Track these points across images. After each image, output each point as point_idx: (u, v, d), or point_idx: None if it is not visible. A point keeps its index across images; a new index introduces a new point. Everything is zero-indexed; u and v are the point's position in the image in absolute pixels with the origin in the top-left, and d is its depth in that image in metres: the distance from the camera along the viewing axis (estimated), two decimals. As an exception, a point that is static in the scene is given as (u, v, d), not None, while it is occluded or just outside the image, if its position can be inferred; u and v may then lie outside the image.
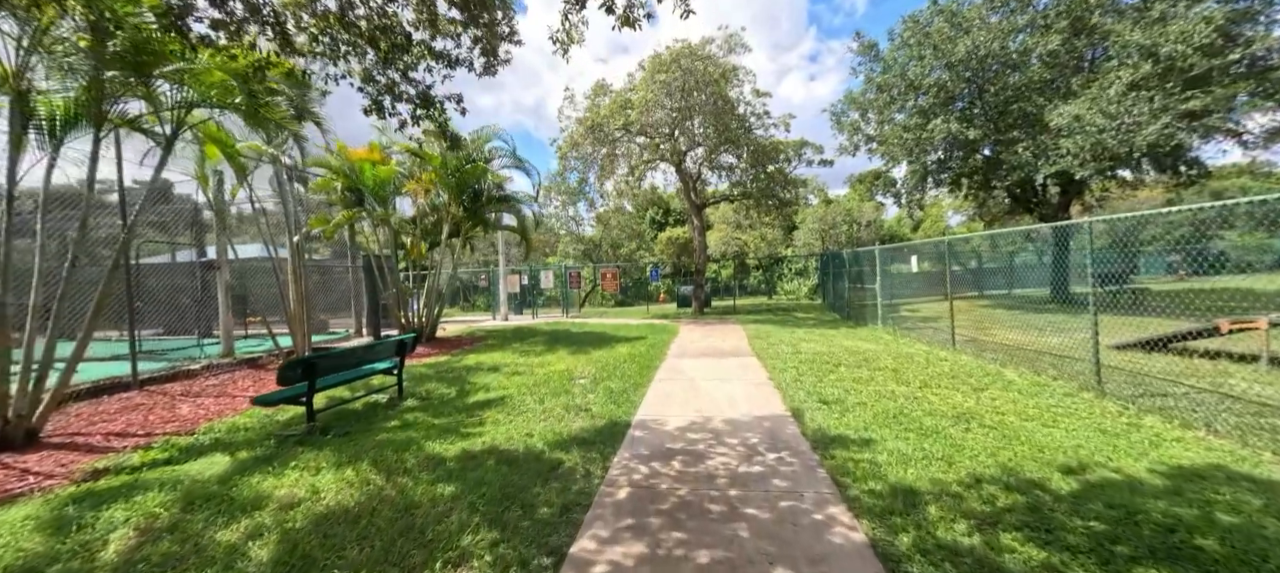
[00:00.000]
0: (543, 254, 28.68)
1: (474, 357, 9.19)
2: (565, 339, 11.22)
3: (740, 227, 26.40)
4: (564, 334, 12.25)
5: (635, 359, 8.09)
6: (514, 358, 8.77)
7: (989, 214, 25.94)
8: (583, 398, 5.71)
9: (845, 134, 19.30)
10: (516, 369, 7.66)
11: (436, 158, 10.33)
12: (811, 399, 5.19)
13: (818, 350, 8.22)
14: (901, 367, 6.66)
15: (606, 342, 10.43)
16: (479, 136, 10.87)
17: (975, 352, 7.59)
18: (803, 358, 7.55)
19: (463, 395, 6.13)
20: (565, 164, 15.35)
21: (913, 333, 9.95)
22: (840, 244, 26.63)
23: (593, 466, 3.69)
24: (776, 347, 8.77)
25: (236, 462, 4.12)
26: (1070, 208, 14.03)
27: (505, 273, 17.12)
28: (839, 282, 14.83)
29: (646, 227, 39.05)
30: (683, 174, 16.32)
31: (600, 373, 7.08)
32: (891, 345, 8.55)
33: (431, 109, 4.36)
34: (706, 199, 17.66)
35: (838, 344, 8.87)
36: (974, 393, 5.23)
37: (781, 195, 16.36)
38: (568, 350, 9.45)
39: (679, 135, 14.47)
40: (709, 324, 13.28)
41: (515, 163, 11.18)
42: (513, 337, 12.20)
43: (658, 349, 9.09)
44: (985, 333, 9.48)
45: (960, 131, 11.52)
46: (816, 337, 9.97)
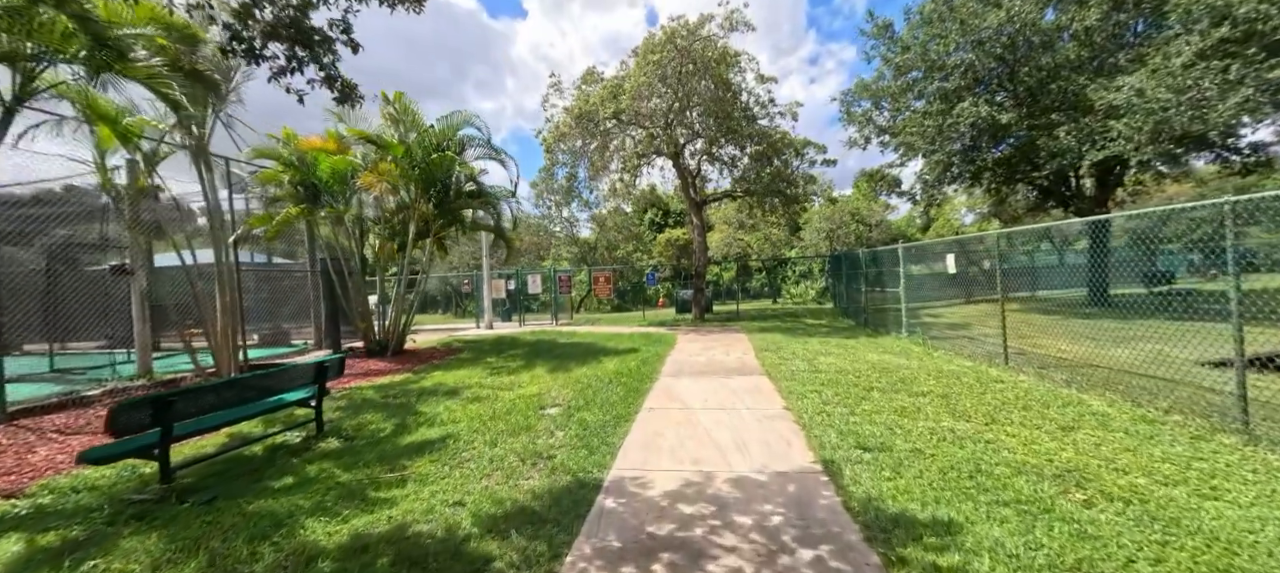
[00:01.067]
0: (537, 257, 27.44)
1: (437, 375, 7.92)
2: (548, 352, 9.96)
3: (743, 227, 25.14)
4: (548, 345, 10.98)
5: (623, 379, 6.81)
6: (481, 378, 7.51)
7: (1009, 212, 24.66)
8: (547, 439, 4.45)
9: (855, 126, 18.06)
10: (479, 393, 6.39)
11: (398, 146, 9.09)
12: (847, 442, 3.92)
13: (839, 367, 6.94)
14: (950, 391, 5.37)
15: (593, 355, 9.16)
16: (448, 124, 9.63)
17: (1034, 370, 6.30)
18: (823, 377, 6.27)
19: (399, 433, 4.86)
20: (552, 158, 14.11)
21: (944, 343, 8.66)
22: (848, 245, 25.34)
23: (534, 570, 2.42)
24: (789, 362, 7.49)
25: (29, 550, 2.86)
26: (1108, 201, 12.77)
27: (489, 277, 15.87)
28: (853, 285, 13.55)
29: (645, 228, 37.84)
30: (681, 169, 15.08)
31: (577, 399, 5.81)
32: (926, 361, 7.25)
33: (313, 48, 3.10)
34: (706, 197, 16.42)
35: (861, 358, 7.59)
36: (1063, 434, 3.95)
37: (788, 192, 15.10)
38: (547, 367, 8.18)
39: (676, 125, 13.24)
40: (710, 333, 12.00)
41: (491, 154, 9.95)
42: (491, 349, 10.94)
43: (650, 365, 7.81)
44: (1032, 343, 8.19)
45: (990, 116, 10.29)
46: (834, 349, 8.69)
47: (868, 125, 17.51)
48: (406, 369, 8.74)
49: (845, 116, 18.04)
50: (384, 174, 8.42)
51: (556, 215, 26.87)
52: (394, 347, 10.29)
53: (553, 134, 12.97)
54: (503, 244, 11.59)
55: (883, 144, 17.63)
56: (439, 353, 10.70)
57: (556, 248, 27.37)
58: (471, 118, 9.69)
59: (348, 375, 8.25)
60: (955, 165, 12.08)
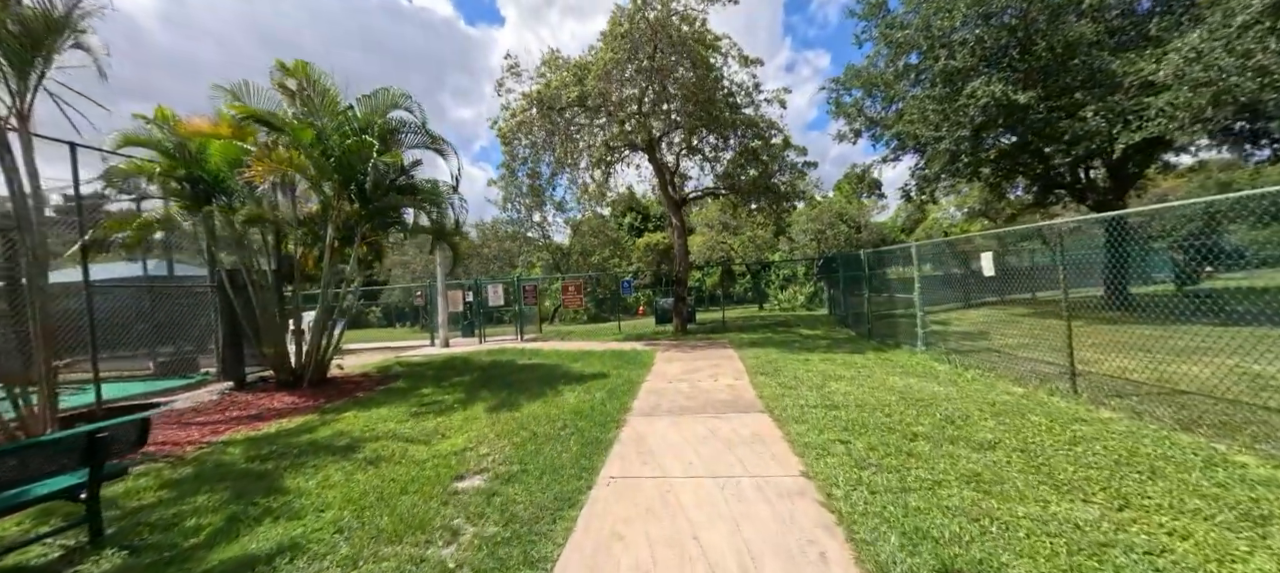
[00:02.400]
0: (507, 265, 25.63)
1: (346, 418, 6.21)
2: (499, 379, 8.30)
3: (727, 228, 23.78)
4: (503, 369, 9.31)
5: (581, 422, 5.23)
6: (399, 422, 5.83)
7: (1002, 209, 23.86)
8: (444, 547, 2.83)
9: (844, 118, 16.86)
10: (382, 451, 4.72)
11: (305, 130, 7.36)
12: (922, 554, 2.39)
13: (858, 397, 5.47)
14: (1026, 440, 3.92)
15: (552, 383, 7.54)
16: (373, 106, 7.95)
17: (1113, 400, 4.92)
18: (844, 417, 4.78)
19: (223, 536, 3.18)
20: (511, 152, 12.47)
21: (970, 359, 7.29)
22: (837, 246, 24.23)
23: None
24: (794, 390, 6.00)
25: None
26: (1127, 194, 11.75)
27: (444, 288, 14.09)
28: (853, 290, 12.22)
29: (624, 233, 36.33)
30: (657, 164, 13.60)
31: (513, 459, 4.21)
32: (965, 387, 5.83)
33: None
34: (687, 196, 14.97)
35: (881, 383, 6.14)
36: (1252, 529, 2.50)
37: (778, 187, 13.73)
38: (490, 402, 6.53)
39: (650, 114, 11.75)
40: (694, 348, 10.47)
41: (428, 142, 8.27)
42: (434, 375, 9.21)
43: (619, 399, 6.23)
44: (1077, 358, 6.86)
45: (1005, 96, 9.08)
46: (843, 369, 7.24)
47: (858, 117, 16.33)
48: (313, 407, 6.99)
49: (833, 108, 16.84)
50: (278, 163, 6.68)
51: (527, 220, 25.27)
52: (312, 375, 8.49)
53: (509, 123, 11.34)
54: (447, 249, 9.88)
55: (874, 138, 16.47)
56: (368, 382, 8.93)
57: (527, 254, 25.60)
58: (401, 99, 8.01)
59: (230, 420, 6.48)
60: (964, 155, 10.85)
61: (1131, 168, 11.59)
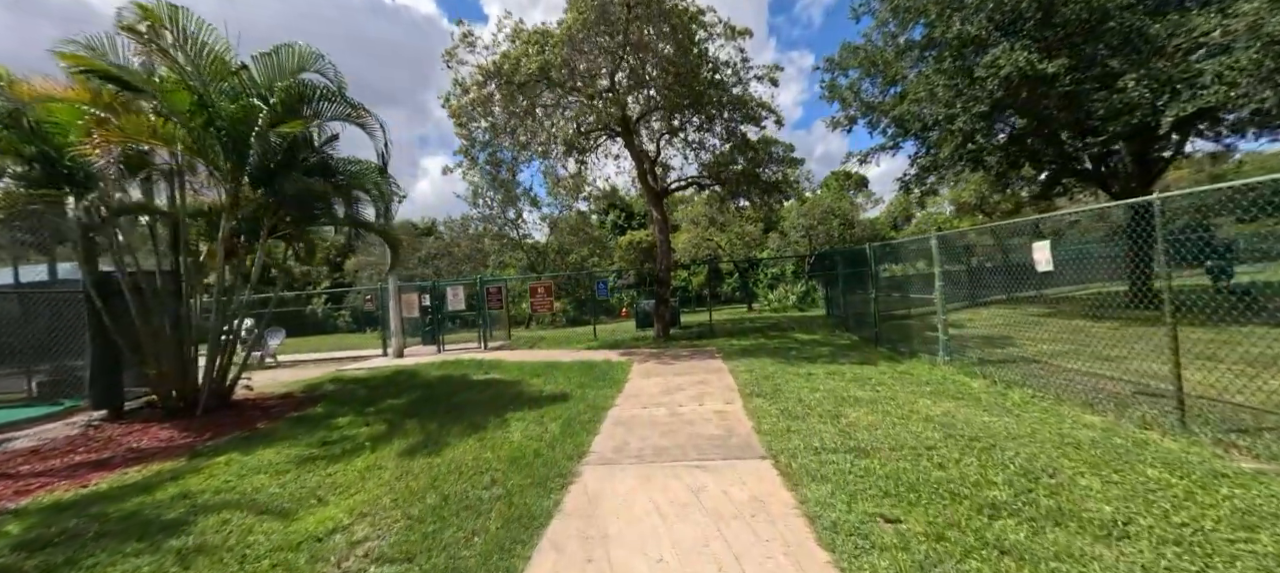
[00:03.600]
0: (479, 265, 23.98)
1: (217, 464, 4.74)
2: (438, 402, 6.82)
3: (714, 224, 22.46)
4: (450, 387, 7.84)
5: (514, 480, 3.83)
6: (275, 474, 4.36)
7: (998, 204, 22.93)
8: None
9: (838, 103, 15.66)
10: (214, 534, 3.28)
11: (180, 92, 5.82)
12: None
13: (891, 433, 4.15)
14: (1173, 521, 2.63)
15: (500, 408, 6.10)
16: (273, 66, 6.41)
17: (1237, 436, 3.65)
18: (880, 470, 3.45)
19: None
20: (467, 135, 10.94)
21: (1007, 372, 6.03)
22: (830, 243, 23.10)
23: None
24: (803, 421, 4.65)
25: None
26: (1153, 181, 10.70)
27: (396, 290, 12.51)
28: (854, 290, 10.97)
29: (607, 231, 34.90)
30: (635, 152, 12.20)
31: (395, 554, 2.78)
32: (1024, 416, 4.54)
33: None
34: (668, 186, 13.60)
35: (912, 410, 4.83)
36: None
37: (767, 179, 12.44)
38: (409, 441, 5.08)
39: (624, 92, 10.35)
40: (676, 359, 9.10)
41: (348, 112, 6.76)
42: (365, 395, 7.70)
43: (576, 435, 4.82)
44: (1143, 370, 5.63)
45: (1030, 65, 7.90)
46: (857, 387, 5.93)
47: (854, 101, 15.13)
48: (188, 446, 5.47)
49: (827, 92, 15.63)
50: (133, 133, 5.13)
51: (500, 216, 23.67)
52: (210, 400, 6.93)
53: (460, 101, 9.81)
54: (386, 245, 8.36)
55: (871, 125, 15.29)
56: (281, 406, 7.39)
57: (500, 254, 24.00)
58: (311, 58, 6.49)
59: (66, 469, 4.94)
60: (979, 135, 9.63)
61: (1160, 150, 10.53)
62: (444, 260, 25.24)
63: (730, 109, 11.19)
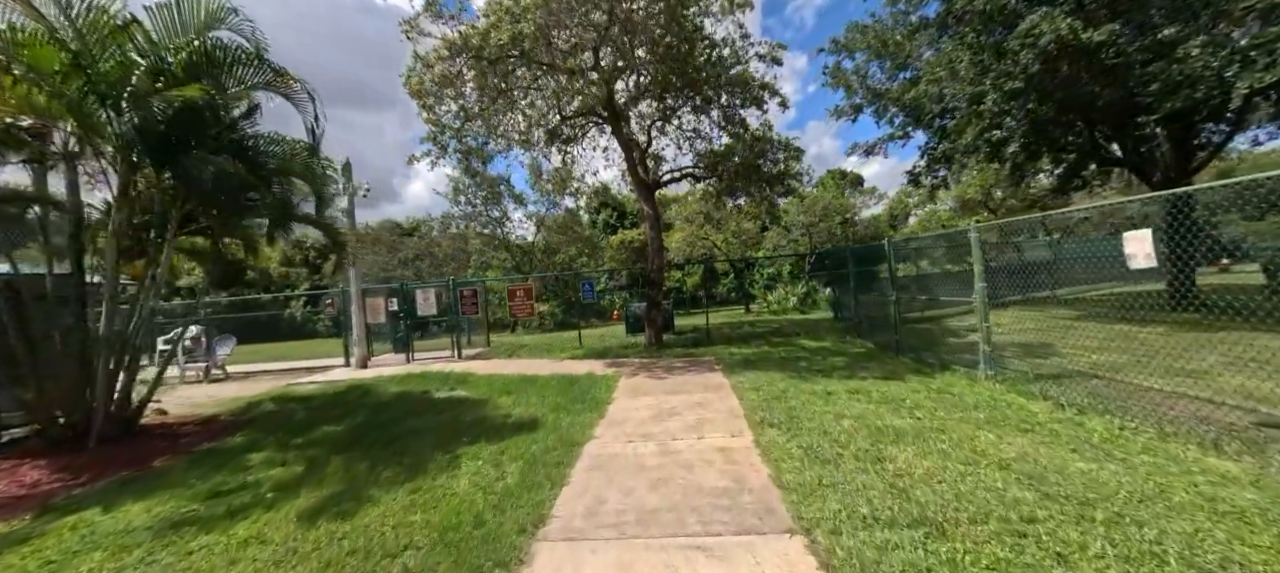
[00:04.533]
0: (462, 267, 22.71)
1: (61, 529, 3.57)
2: (381, 433, 5.65)
3: (710, 220, 21.31)
4: (402, 410, 6.67)
5: (443, 565, 2.65)
6: (125, 548, 3.20)
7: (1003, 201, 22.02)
8: None
9: (842, 91, 14.63)
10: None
11: (44, 48, 4.61)
12: None
13: (958, 486, 3.08)
14: None
15: (451, 443, 4.95)
16: (173, 20, 5.21)
17: None
18: (965, 557, 2.31)
19: None
20: (434, 119, 9.72)
21: (1069, 390, 4.94)
22: (833, 241, 22.08)
23: None
24: (836, 467, 3.56)
25: None
26: (1194, 172, 9.72)
27: (359, 294, 11.28)
28: (867, 292, 9.92)
29: (599, 230, 33.77)
30: (624, 140, 11.06)
31: None
32: (1130, 459, 3.47)
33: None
34: (660, 178, 12.47)
35: (973, 448, 3.75)
36: None
37: (767, 171, 11.36)
38: (322, 495, 3.93)
39: (610, 72, 9.21)
40: (670, 372, 7.97)
41: (269, 80, 5.56)
42: (300, 421, 6.50)
43: (537, 488, 3.70)
44: (1244, 390, 4.58)
45: (1074, 33, 6.87)
46: (890, 412, 4.83)
47: (860, 88, 14.10)
48: (35, 500, 4.28)
49: (831, 77, 14.59)
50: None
51: (483, 213, 22.42)
52: (106, 429, 5.72)
53: (420, 77, 8.59)
54: (335, 246, 7.15)
55: (878, 113, 14.26)
56: (198, 433, 6.18)
57: (482, 253, 22.75)
58: (222, 14, 5.31)
59: None
60: (1011, 115, 8.56)
61: (1203, 137, 9.57)
62: (426, 262, 23.95)
63: (729, 90, 10.08)
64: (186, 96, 4.73)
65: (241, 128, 5.66)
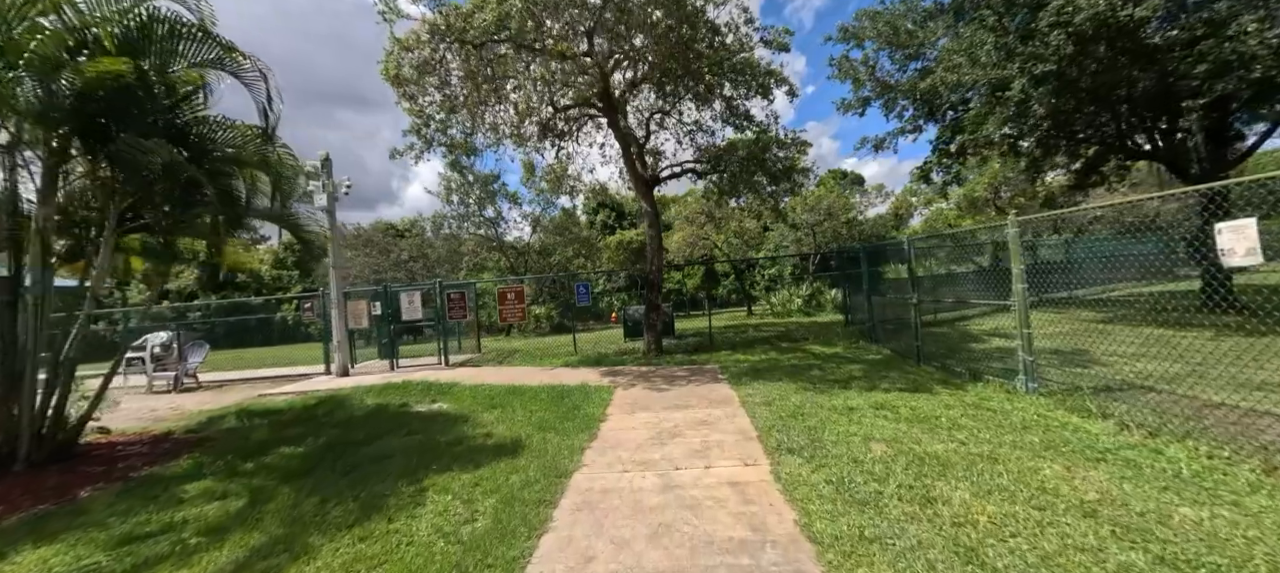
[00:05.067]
0: (454, 269, 22.03)
1: None
2: (355, 449, 5.01)
3: (711, 220, 20.66)
4: (381, 425, 6.01)
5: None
6: None
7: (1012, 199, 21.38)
8: None
9: (849, 83, 14.02)
10: None
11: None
12: None
13: (1038, 544, 2.38)
14: None
15: (419, 471, 4.31)
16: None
17: None
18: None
19: None
20: (416, 109, 9.06)
21: (1127, 407, 4.31)
22: (839, 240, 21.44)
23: None
24: (881, 517, 2.92)
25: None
26: (1229, 166, 9.08)
27: (339, 296, 10.62)
28: (883, 294, 9.28)
29: (597, 231, 33.15)
30: (621, 134, 10.42)
31: None
32: (1255, 509, 2.77)
33: None
34: (659, 174, 11.82)
35: (1048, 491, 3.11)
36: None
37: (776, 165, 10.73)
38: (265, 533, 3.29)
39: (604, 59, 8.58)
40: (671, 383, 7.33)
41: (216, 55, 4.90)
42: (260, 440, 5.84)
43: (515, 530, 3.07)
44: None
45: (1112, 11, 6.24)
46: (932, 438, 4.19)
47: (869, 80, 13.49)
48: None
49: (837, 69, 13.97)
50: None
51: (475, 213, 21.80)
52: (36, 452, 5.08)
53: (392, 60, 7.92)
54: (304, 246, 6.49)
55: (887, 106, 13.64)
56: (144, 454, 5.53)
57: (474, 255, 22.09)
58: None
59: None
60: (1040, 105, 7.88)
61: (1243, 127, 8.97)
62: (419, 263, 23.26)
63: (732, 79, 9.44)
64: (113, 71, 4.07)
65: (183, 110, 5.00)
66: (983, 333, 9.48)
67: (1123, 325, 8.93)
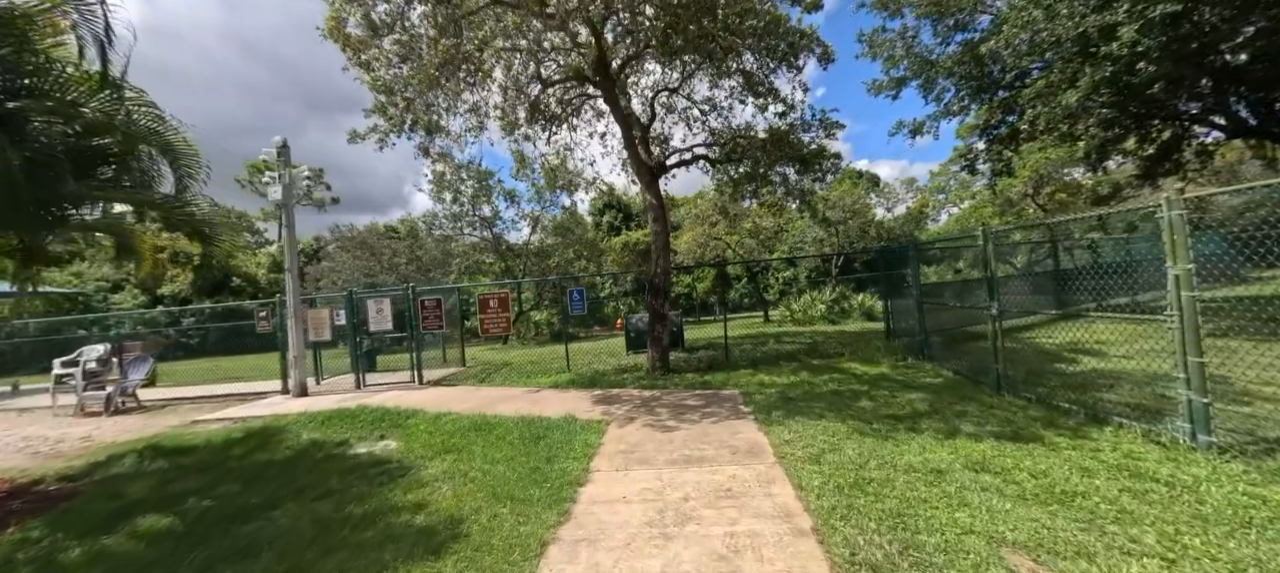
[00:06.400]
0: (432, 273, 20.67)
1: None
2: (237, 519, 3.56)
3: (726, 216, 19.00)
4: (298, 479, 4.57)
5: None
6: None
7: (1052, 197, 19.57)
8: None
9: (881, 61, 12.47)
10: None
11: None
12: None
13: None
14: None
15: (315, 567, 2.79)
16: None
17: None
18: None
19: None
20: (377, 81, 7.65)
21: None
22: (867, 239, 19.77)
23: None
24: None
25: None
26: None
27: (297, 303, 9.22)
28: (943, 301, 7.70)
29: (603, 233, 31.77)
30: (622, 115, 8.93)
31: None
32: None
33: None
34: (665, 161, 10.29)
35: None
36: None
37: (802, 148, 9.19)
38: None
39: (599, 13, 7.10)
40: (680, 418, 5.82)
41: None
42: (144, 492, 4.44)
43: None
44: None
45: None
46: (1091, 532, 2.65)
47: (906, 57, 11.91)
48: None
49: (867, 47, 12.40)
50: None
51: (469, 213, 20.42)
52: None
53: (336, 10, 6.47)
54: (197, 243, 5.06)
55: (926, 86, 12.04)
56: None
57: (466, 257, 20.71)
58: None
59: None
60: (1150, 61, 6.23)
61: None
62: (411, 266, 21.97)
63: (752, 44, 7.90)
64: None
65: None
66: (1059, 348, 7.82)
67: (1241, 340, 7.21)
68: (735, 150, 9.82)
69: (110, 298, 34.13)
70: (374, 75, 7.57)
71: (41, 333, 18.03)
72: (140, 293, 33.76)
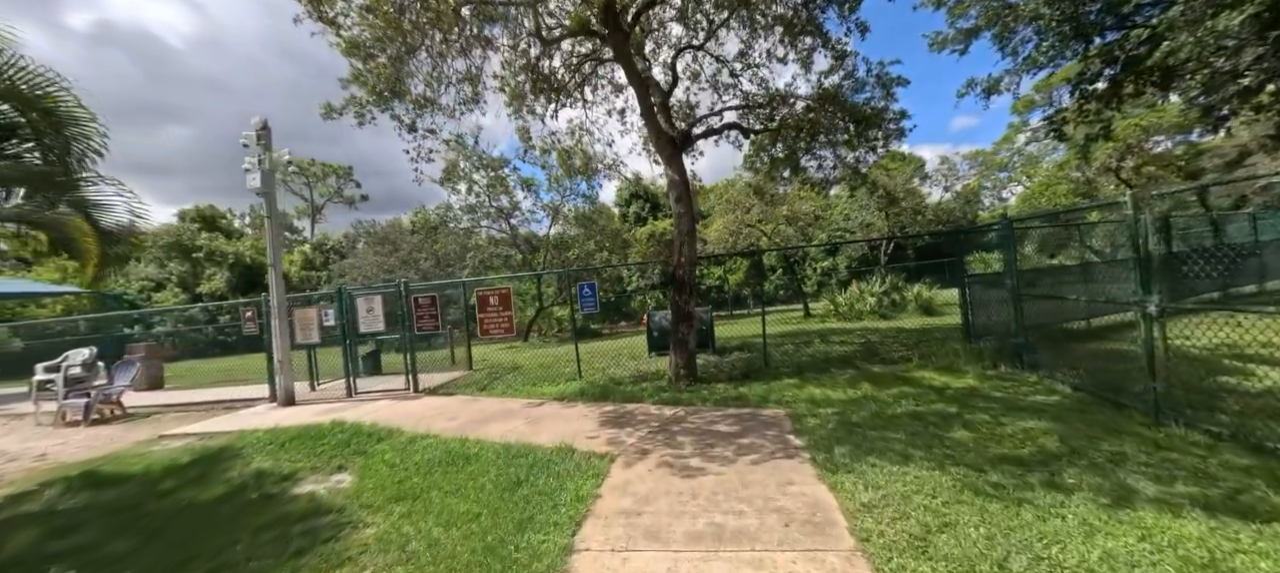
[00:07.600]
0: (450, 268, 19.84)
1: None
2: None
3: (763, 196, 17.22)
4: (211, 532, 3.46)
5: None
6: None
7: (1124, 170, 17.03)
8: None
9: (944, 12, 10.69)
10: None
11: None
12: None
13: None
14: None
15: None
16: None
17: None
18: None
19: None
20: (358, 50, 6.57)
21: None
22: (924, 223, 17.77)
23: None
24: None
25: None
26: None
27: (281, 303, 8.34)
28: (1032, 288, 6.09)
29: (629, 223, 30.52)
30: (636, 75, 7.58)
31: None
32: None
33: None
34: (692, 130, 8.86)
35: None
36: None
37: (861, 108, 7.65)
38: None
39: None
40: (707, 456, 4.51)
41: None
42: (32, 540, 3.41)
43: None
44: None
45: None
46: None
47: (978, 3, 10.07)
48: None
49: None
50: None
51: (485, 204, 19.50)
52: None
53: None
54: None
55: (1001, 36, 10.17)
56: None
57: (479, 251, 19.78)
58: None
59: None
60: None
61: None
62: (429, 260, 21.30)
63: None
64: None
65: None
66: (1212, 355, 6.00)
67: None
68: (773, 116, 8.31)
69: (153, 297, 35.22)
70: (346, 35, 6.48)
71: (91, 329, 18.20)
72: (180, 291, 34.82)
